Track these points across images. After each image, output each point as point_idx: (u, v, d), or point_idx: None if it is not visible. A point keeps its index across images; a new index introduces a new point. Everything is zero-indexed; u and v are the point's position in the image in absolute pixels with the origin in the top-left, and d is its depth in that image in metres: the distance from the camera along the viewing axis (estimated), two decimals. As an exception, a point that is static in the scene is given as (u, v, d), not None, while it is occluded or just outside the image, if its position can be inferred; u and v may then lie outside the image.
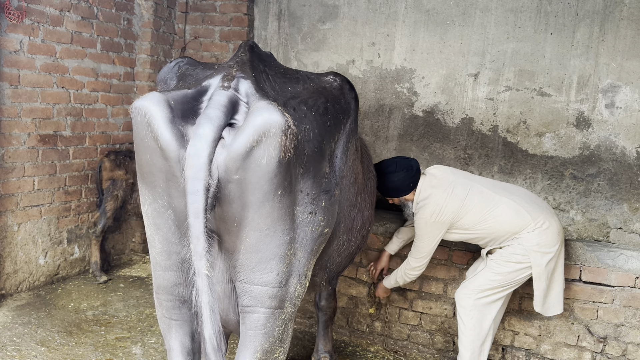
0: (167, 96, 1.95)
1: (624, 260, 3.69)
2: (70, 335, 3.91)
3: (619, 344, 3.73)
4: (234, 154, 1.91)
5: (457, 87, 4.95)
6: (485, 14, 4.82)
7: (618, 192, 4.59)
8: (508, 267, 3.35)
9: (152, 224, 2.13)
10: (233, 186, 1.96)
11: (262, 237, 2.05)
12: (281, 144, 1.91)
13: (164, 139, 1.91)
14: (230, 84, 1.99)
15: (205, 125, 1.88)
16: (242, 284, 2.15)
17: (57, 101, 4.61)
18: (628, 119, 4.51)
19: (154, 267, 2.24)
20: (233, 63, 2.12)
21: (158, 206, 2.08)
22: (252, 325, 2.17)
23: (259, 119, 1.89)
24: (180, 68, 2.37)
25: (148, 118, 1.91)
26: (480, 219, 3.31)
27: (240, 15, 5.51)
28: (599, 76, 4.56)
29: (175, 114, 1.94)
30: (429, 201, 3.33)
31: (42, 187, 4.57)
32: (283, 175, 1.99)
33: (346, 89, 2.47)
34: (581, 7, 4.56)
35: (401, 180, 3.41)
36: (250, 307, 2.17)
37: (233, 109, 1.97)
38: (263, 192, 1.97)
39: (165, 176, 2.00)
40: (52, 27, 4.48)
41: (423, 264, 3.50)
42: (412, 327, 4.19)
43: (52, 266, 4.76)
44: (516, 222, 3.29)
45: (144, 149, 2.00)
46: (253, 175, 1.94)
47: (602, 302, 3.74)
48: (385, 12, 5.10)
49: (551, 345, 3.87)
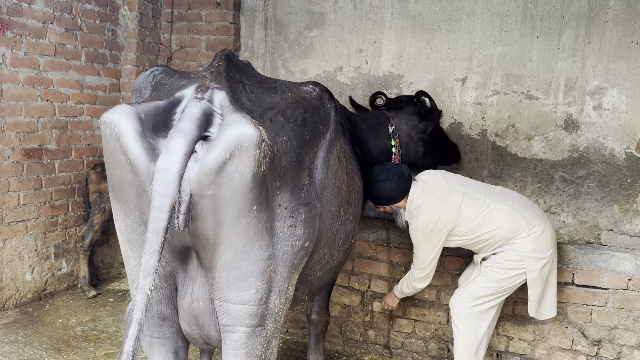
0: (137, 108, 1.88)
1: (616, 262, 3.68)
2: (58, 353, 3.84)
3: (614, 347, 3.71)
4: (207, 169, 1.84)
5: (445, 92, 4.94)
6: (471, 19, 4.82)
7: (608, 193, 4.59)
8: (502, 274, 3.32)
9: (126, 240, 2.07)
10: (206, 202, 1.89)
11: (239, 254, 1.98)
12: (255, 158, 1.85)
13: (134, 153, 1.84)
14: (204, 95, 1.93)
15: (177, 139, 1.82)
16: (220, 303, 2.08)
17: (41, 114, 4.55)
18: (616, 121, 4.52)
19: (131, 284, 2.17)
20: (208, 73, 2.06)
21: (130, 222, 2.02)
22: (233, 345, 2.11)
23: (231, 133, 1.82)
24: (156, 77, 2.29)
25: (117, 132, 1.85)
26: (476, 225, 3.28)
27: (226, 24, 5.47)
28: (586, 78, 4.57)
29: (145, 127, 1.87)
30: (423, 209, 3.29)
31: (28, 201, 4.50)
32: (258, 190, 1.92)
33: (325, 99, 2.40)
34: (566, 10, 4.58)
35: (393, 188, 3.36)
36: (229, 327, 2.10)
37: (207, 121, 1.91)
38: (238, 207, 1.91)
39: (136, 191, 1.93)
40: (35, 40, 4.42)
41: (427, 274, 3.43)
42: (406, 334, 4.15)
43: (39, 282, 4.68)
44: (511, 227, 3.26)
45: (114, 164, 1.93)
46: (227, 190, 1.87)
47: (595, 305, 3.72)
48: (372, 18, 5.09)
49: (546, 350, 3.85)
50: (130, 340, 1.81)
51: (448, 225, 3.27)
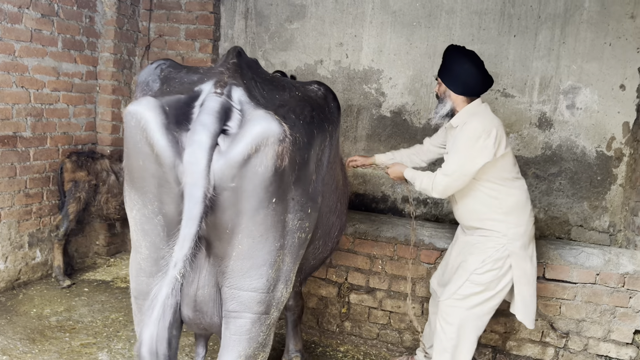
0: (162, 101, 1.93)
1: (585, 257, 3.81)
2: (33, 343, 3.80)
3: (581, 339, 3.85)
4: (232, 162, 1.92)
5: (423, 88, 5.01)
6: (450, 16, 4.88)
7: (579, 190, 4.72)
8: (490, 276, 3.24)
9: (140, 230, 2.10)
10: (228, 193, 1.97)
11: (255, 244, 2.07)
12: (278, 153, 1.94)
13: (160, 145, 1.90)
14: (223, 91, 1.98)
15: (201, 132, 1.88)
16: (230, 290, 2.14)
17: (16, 101, 4.46)
18: (588, 120, 4.64)
19: (136, 272, 2.20)
20: (224, 69, 2.11)
21: (147, 212, 2.05)
22: (237, 330, 2.18)
23: (257, 128, 1.91)
24: (163, 70, 2.33)
25: (143, 124, 1.90)
26: (511, 176, 3.20)
27: (206, 13, 5.43)
28: (560, 78, 4.68)
29: (169, 120, 1.92)
30: (484, 117, 3.11)
31: (2, 190, 4.42)
32: (278, 184, 2.02)
33: (330, 98, 2.51)
34: (543, 10, 4.67)
35: (477, 80, 3.16)
36: (236, 313, 2.17)
37: (226, 115, 1.97)
38: (258, 199, 1.99)
39: (157, 182, 1.98)
40: (11, 25, 4.33)
41: (449, 187, 3.11)
42: (382, 326, 4.22)
43: (12, 271, 4.61)
44: (524, 206, 3.26)
45: (136, 155, 1.98)
46: (249, 183, 1.96)
47: (564, 298, 3.84)
48: (353, 12, 5.12)
49: (516, 342, 3.96)
50: (153, 324, 1.85)
51: (496, 147, 3.05)
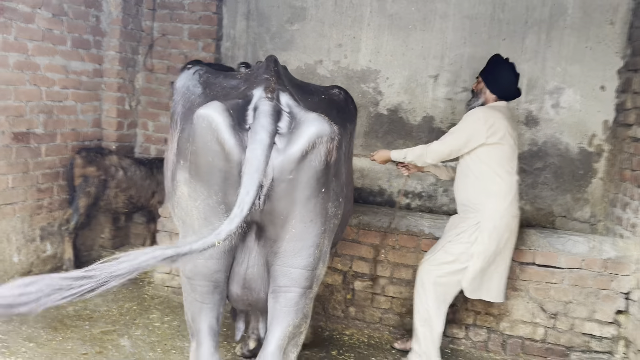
0: (227, 105, 2.19)
1: (572, 244, 4.16)
2: (55, 331, 3.98)
3: (568, 319, 4.21)
4: (291, 158, 2.20)
5: (418, 87, 5.31)
6: (444, 20, 5.19)
7: (562, 184, 5.09)
8: (461, 248, 3.71)
9: (203, 217, 2.35)
10: (285, 185, 2.24)
11: (306, 227, 2.35)
12: (329, 149, 2.24)
13: (230, 144, 2.17)
14: (273, 95, 2.25)
15: (262, 132, 2.16)
16: (282, 267, 2.43)
17: (29, 99, 4.60)
18: (571, 118, 5.01)
19: (195, 256, 2.43)
20: (269, 76, 2.36)
21: (212, 202, 2.31)
22: (287, 303, 2.46)
23: (312, 128, 2.20)
24: (201, 75, 2.59)
25: (214, 125, 2.16)
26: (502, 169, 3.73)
27: (209, 14, 5.62)
28: (546, 79, 5.03)
29: (234, 122, 2.18)
30: (493, 110, 3.74)
31: (16, 185, 4.56)
32: (327, 176, 2.31)
33: (349, 101, 2.82)
34: (530, 15, 5.01)
35: (512, 87, 3.87)
36: (287, 287, 2.45)
37: (277, 117, 2.23)
38: (311, 189, 2.28)
39: (224, 176, 2.25)
40: (25, 24, 4.46)
41: (440, 152, 3.76)
42: (384, 310, 4.52)
43: (25, 264, 4.75)
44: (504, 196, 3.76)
45: (205, 152, 2.23)
46: (304, 175, 2.24)
47: (553, 282, 4.20)
48: (352, 15, 5.38)
49: (509, 323, 4.30)
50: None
51: (489, 134, 3.65)
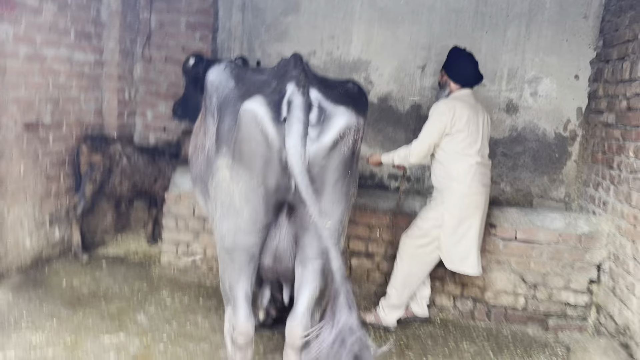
0: (268, 99, 2.50)
1: (550, 221, 4.57)
2: (74, 308, 4.22)
3: (546, 289, 4.63)
4: (324, 146, 2.51)
5: (407, 77, 5.63)
6: (431, 13, 5.51)
7: (540, 166, 5.50)
8: (429, 224, 4.13)
9: (244, 198, 2.64)
10: (318, 169, 2.55)
11: (334, 205, 2.68)
12: (355, 139, 2.57)
13: (272, 134, 2.48)
14: (304, 91, 2.53)
15: (297, 124, 2.46)
16: (311, 240, 2.73)
17: (38, 90, 4.78)
18: (548, 105, 5.41)
19: (234, 232, 2.73)
20: (297, 72, 2.63)
21: (253, 184, 2.61)
22: (314, 270, 2.79)
23: (342, 120, 2.51)
24: (232, 70, 2.88)
25: (259, 118, 2.47)
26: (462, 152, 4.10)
27: (205, 6, 5.84)
28: (525, 69, 5.41)
29: (274, 115, 2.48)
30: (455, 100, 4.13)
31: (28, 172, 4.76)
32: (352, 162, 2.64)
33: (362, 93, 3.11)
34: (511, 9, 5.37)
35: (473, 74, 4.27)
36: (315, 258, 2.78)
37: (309, 110, 2.52)
38: (340, 173, 2.60)
39: (265, 161, 2.55)
40: (33, 18, 4.63)
41: (420, 150, 4.12)
42: (379, 285, 4.88)
43: (36, 248, 4.97)
44: (463, 178, 4.10)
45: (249, 141, 2.52)
46: (334, 161, 2.56)
47: (533, 256, 4.60)
48: (343, 8, 5.66)
49: (493, 293, 4.71)
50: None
51: (452, 124, 4.04)
